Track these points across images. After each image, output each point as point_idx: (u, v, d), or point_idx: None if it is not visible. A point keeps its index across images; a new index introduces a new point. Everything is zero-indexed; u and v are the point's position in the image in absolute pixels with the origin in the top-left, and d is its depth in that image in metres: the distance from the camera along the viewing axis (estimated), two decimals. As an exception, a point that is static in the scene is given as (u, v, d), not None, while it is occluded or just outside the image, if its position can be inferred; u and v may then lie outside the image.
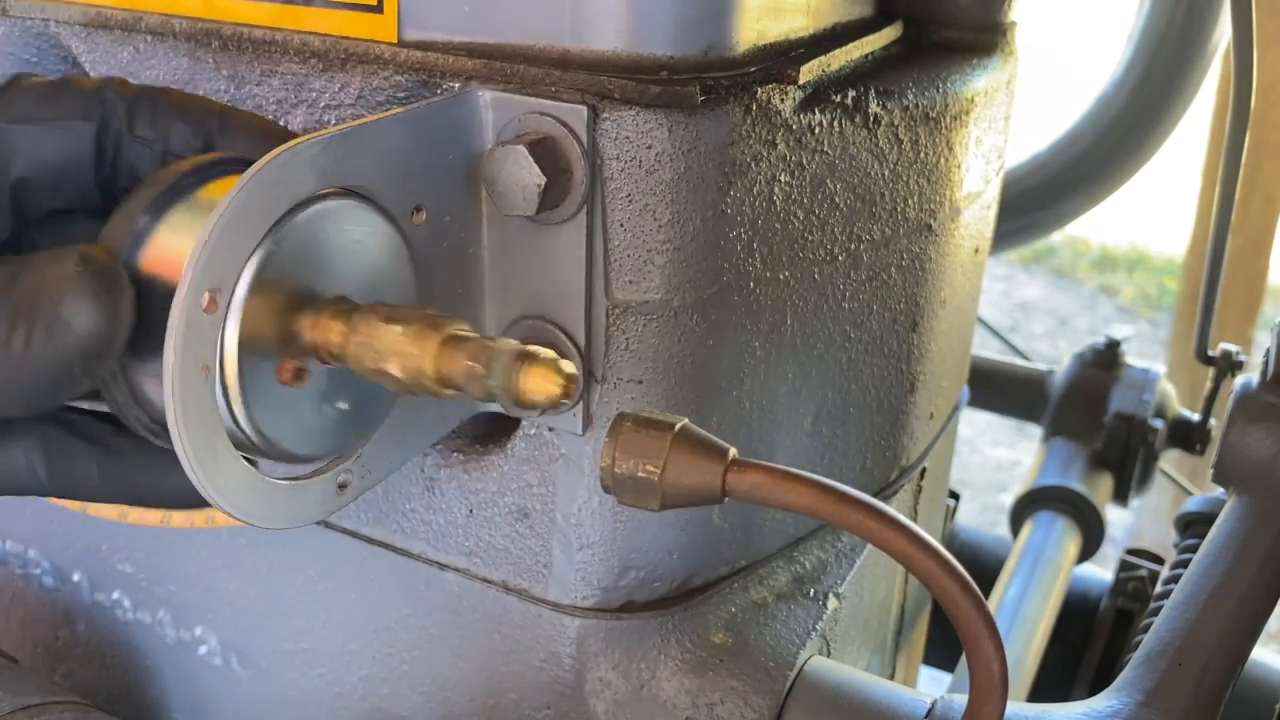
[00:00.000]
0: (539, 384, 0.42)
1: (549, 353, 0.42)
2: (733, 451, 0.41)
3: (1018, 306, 4.45)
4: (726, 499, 0.40)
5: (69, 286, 0.42)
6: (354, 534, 0.63)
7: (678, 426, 0.41)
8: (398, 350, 0.43)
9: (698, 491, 0.40)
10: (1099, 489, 1.15)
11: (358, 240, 0.46)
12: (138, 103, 0.47)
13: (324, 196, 0.44)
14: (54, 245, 0.49)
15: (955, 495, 1.06)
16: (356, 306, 0.45)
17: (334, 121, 0.55)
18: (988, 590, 1.02)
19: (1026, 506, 1.14)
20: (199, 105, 0.48)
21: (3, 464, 0.47)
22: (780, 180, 0.54)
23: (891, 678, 0.83)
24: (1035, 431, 1.28)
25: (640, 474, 0.40)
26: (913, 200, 0.64)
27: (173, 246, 0.45)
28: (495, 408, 0.55)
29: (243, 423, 0.43)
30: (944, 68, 0.66)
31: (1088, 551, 1.11)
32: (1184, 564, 0.67)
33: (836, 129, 0.57)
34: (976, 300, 0.83)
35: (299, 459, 0.47)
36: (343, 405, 0.48)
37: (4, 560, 0.78)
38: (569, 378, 0.42)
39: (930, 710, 0.58)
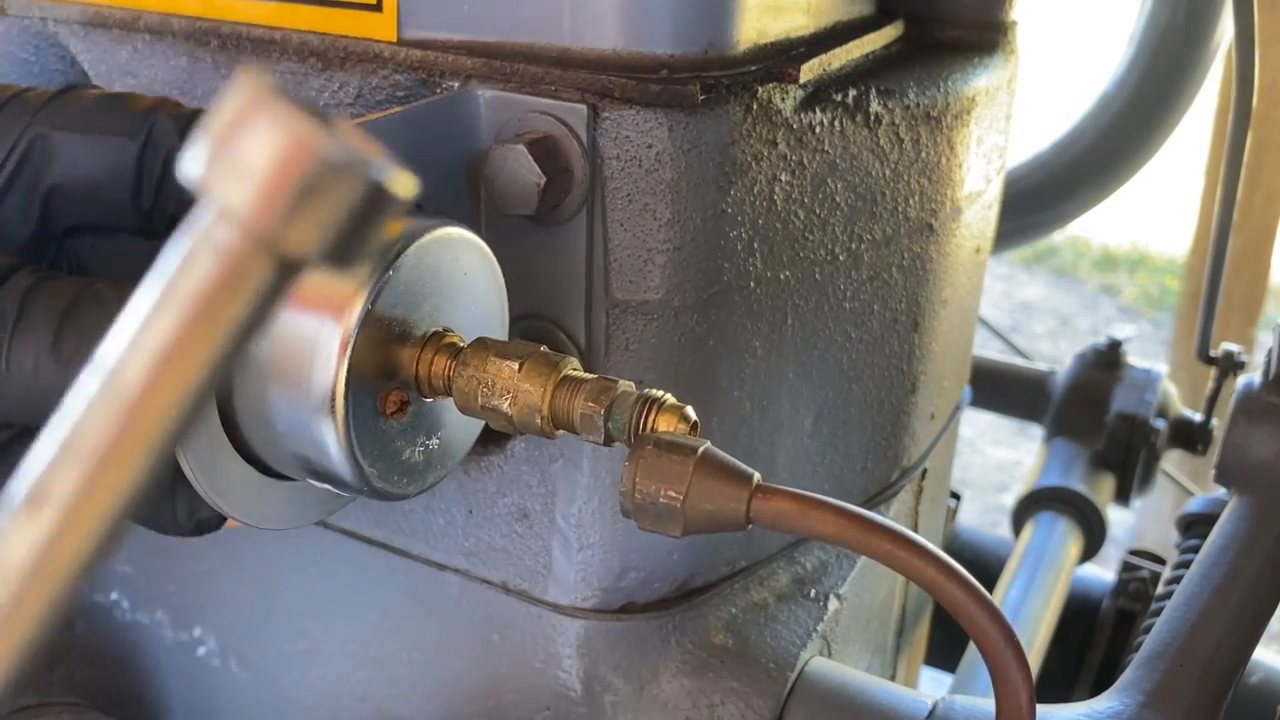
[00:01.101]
0: (665, 430, 0.41)
1: (671, 397, 0.42)
2: (757, 477, 0.40)
3: (1019, 306, 4.45)
4: (751, 526, 0.39)
5: None
6: (353, 535, 0.63)
7: (700, 450, 0.40)
8: (511, 387, 0.42)
9: (721, 518, 0.39)
10: (1101, 489, 1.14)
11: (465, 272, 0.45)
12: (194, 122, 0.45)
13: (436, 225, 0.43)
14: (98, 262, 0.49)
15: (956, 495, 1.06)
16: (462, 340, 0.44)
17: (333, 121, 0.55)
18: (988, 590, 1.02)
19: (1028, 507, 1.13)
20: None
21: None
22: (781, 179, 0.54)
23: (892, 679, 0.82)
24: (1037, 432, 1.28)
25: (662, 499, 0.39)
26: (914, 200, 0.63)
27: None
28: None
29: (341, 456, 0.42)
30: (945, 67, 0.65)
31: (1089, 552, 1.11)
32: (1186, 565, 0.67)
33: (837, 128, 0.56)
34: (978, 300, 0.82)
35: (384, 496, 0.45)
36: (431, 442, 0.46)
37: (3, 561, 0.78)
38: (694, 425, 0.42)
39: (932, 711, 0.57)
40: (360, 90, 0.54)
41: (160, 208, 0.46)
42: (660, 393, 0.41)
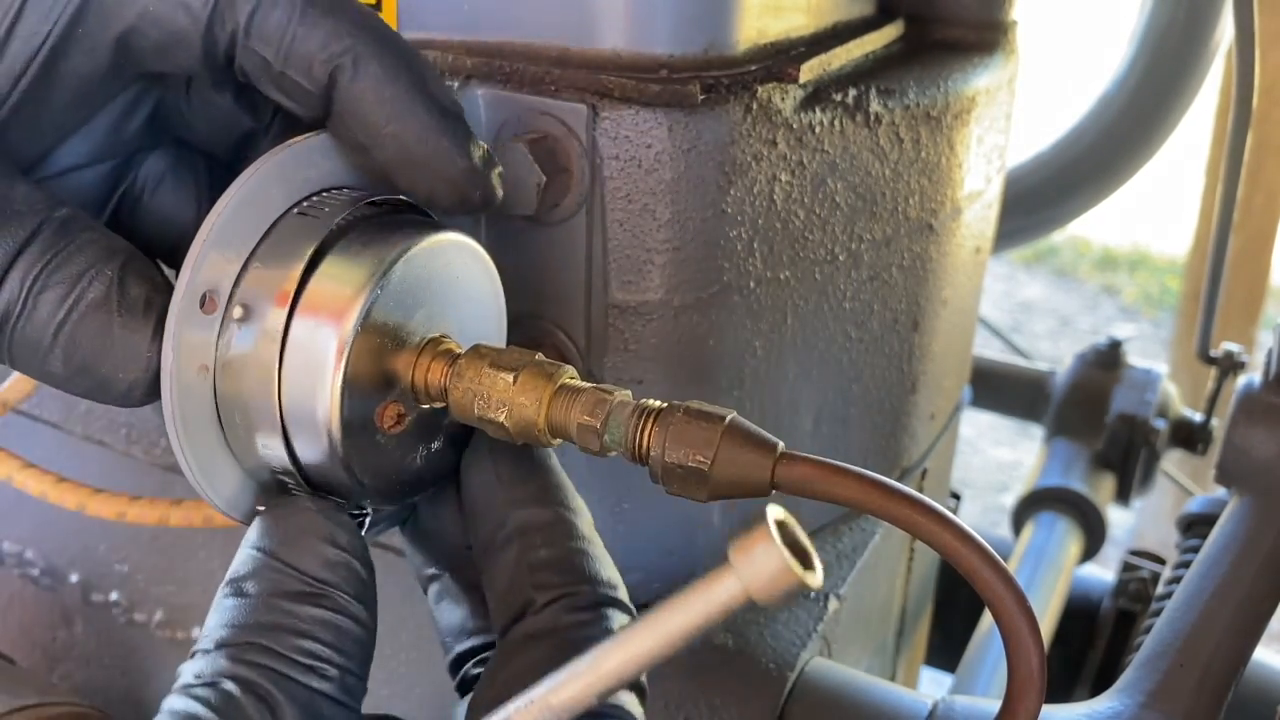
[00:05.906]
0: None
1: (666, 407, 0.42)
2: (781, 445, 0.41)
3: (1019, 306, 4.44)
4: (775, 491, 0.40)
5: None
6: (353, 535, 0.63)
7: (728, 419, 0.41)
8: (508, 399, 0.42)
9: (746, 483, 0.40)
10: (1101, 489, 1.14)
11: (459, 276, 0.45)
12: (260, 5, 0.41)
13: (430, 231, 0.43)
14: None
15: (957, 496, 1.06)
16: (459, 348, 0.44)
17: (332, 120, 0.55)
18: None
19: (1028, 507, 1.13)
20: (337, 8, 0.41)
21: None
22: (781, 179, 0.54)
23: (892, 679, 0.82)
24: (1037, 432, 1.28)
25: (690, 464, 0.40)
26: (914, 199, 0.63)
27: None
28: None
29: (333, 467, 0.42)
30: (945, 66, 0.65)
31: (1089, 552, 1.11)
32: (1186, 565, 0.67)
33: (837, 128, 0.56)
34: (978, 300, 0.82)
35: (386, 503, 0.45)
36: (426, 450, 0.46)
37: (1, 561, 0.78)
38: None
39: (932, 712, 0.57)
40: (359, 90, 0.54)
41: (233, 58, 0.42)
42: (657, 403, 0.41)
